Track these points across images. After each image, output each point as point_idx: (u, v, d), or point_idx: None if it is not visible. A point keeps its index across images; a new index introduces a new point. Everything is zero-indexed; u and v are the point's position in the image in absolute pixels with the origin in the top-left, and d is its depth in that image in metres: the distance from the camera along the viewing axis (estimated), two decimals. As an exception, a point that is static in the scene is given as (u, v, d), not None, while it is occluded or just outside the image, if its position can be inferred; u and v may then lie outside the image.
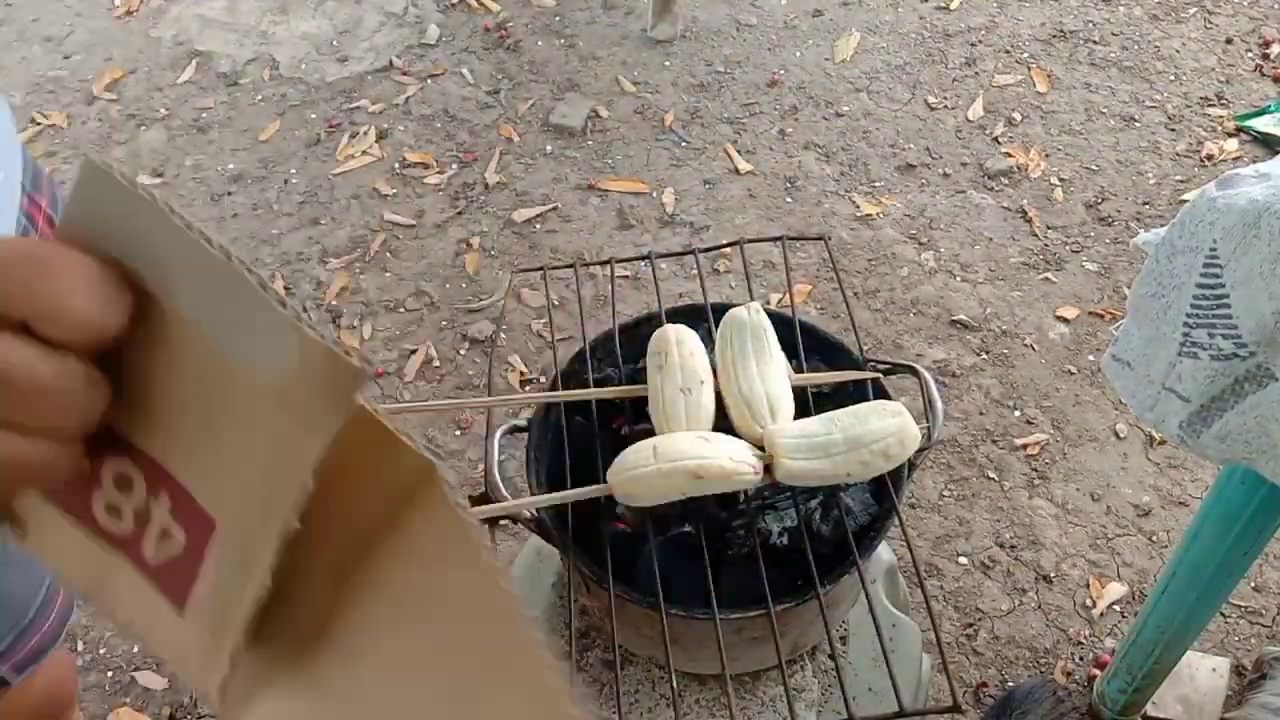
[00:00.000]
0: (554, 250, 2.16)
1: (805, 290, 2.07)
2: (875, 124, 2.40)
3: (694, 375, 0.94)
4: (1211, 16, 2.63)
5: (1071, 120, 2.39)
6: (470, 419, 1.89)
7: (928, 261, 2.13)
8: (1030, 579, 1.68)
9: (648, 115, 2.43)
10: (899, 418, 0.89)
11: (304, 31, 2.67)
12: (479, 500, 0.92)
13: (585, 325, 1.08)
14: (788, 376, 0.96)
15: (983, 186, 2.27)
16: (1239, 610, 1.63)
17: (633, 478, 0.86)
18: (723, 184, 2.28)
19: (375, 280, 2.13)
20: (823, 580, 0.87)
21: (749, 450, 0.88)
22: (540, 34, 2.64)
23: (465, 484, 1.81)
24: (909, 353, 1.97)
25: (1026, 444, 1.84)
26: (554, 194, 2.27)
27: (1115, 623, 1.63)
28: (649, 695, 1.05)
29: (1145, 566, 1.69)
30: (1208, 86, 2.45)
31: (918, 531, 1.72)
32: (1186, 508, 1.75)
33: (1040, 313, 2.03)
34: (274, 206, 2.28)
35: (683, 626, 0.90)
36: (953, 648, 1.60)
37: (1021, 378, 1.94)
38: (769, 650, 0.89)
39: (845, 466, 0.87)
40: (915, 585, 1.44)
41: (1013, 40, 2.59)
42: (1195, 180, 2.25)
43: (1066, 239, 2.16)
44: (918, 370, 0.99)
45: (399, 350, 2.01)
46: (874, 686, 1.07)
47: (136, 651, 1.64)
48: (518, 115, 2.44)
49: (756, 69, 2.53)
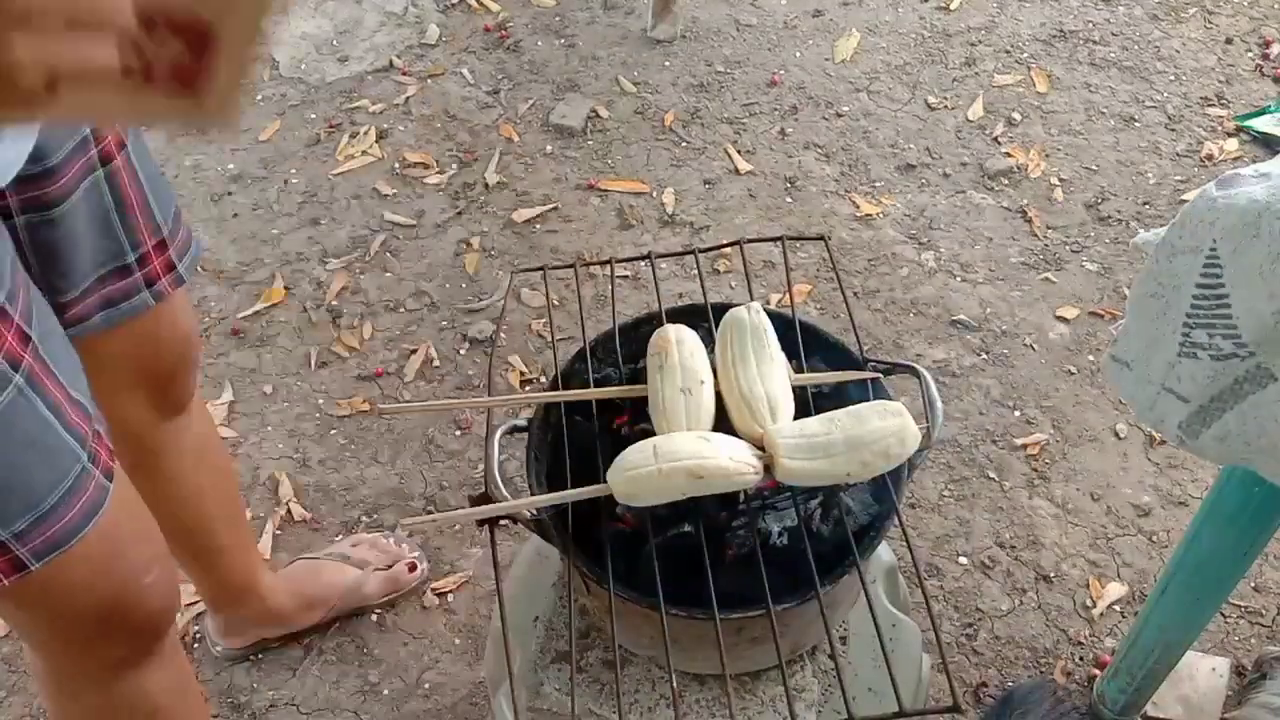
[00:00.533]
0: (554, 250, 2.16)
1: (805, 290, 2.07)
2: (875, 124, 2.40)
3: (694, 375, 0.94)
4: (1211, 16, 2.63)
5: (1071, 120, 2.39)
6: (470, 419, 1.89)
7: (928, 261, 2.13)
8: (1030, 579, 1.68)
9: (648, 115, 2.43)
10: (899, 418, 0.89)
11: (304, 31, 2.67)
12: (479, 500, 0.92)
13: (585, 325, 1.08)
14: (788, 376, 0.96)
15: (983, 186, 2.27)
16: (1239, 610, 1.63)
17: (633, 478, 0.86)
18: (723, 184, 2.28)
19: (375, 280, 2.13)
20: (823, 580, 0.87)
21: (749, 450, 0.89)
22: (540, 34, 2.64)
23: (465, 484, 1.81)
24: (909, 353, 1.97)
25: (1026, 444, 1.84)
26: (554, 194, 2.27)
27: (1115, 623, 1.63)
28: (649, 695, 1.05)
29: (1145, 566, 1.69)
30: (1208, 86, 2.45)
31: (918, 531, 1.73)
32: (1186, 508, 1.75)
33: (1040, 313, 2.04)
34: (274, 206, 2.28)
35: (683, 626, 0.90)
36: (953, 648, 1.60)
37: (1021, 378, 1.94)
38: (769, 650, 0.89)
39: (845, 466, 0.87)
40: (915, 585, 1.44)
41: (1013, 40, 2.59)
42: (1195, 180, 2.25)
43: (1066, 239, 2.16)
44: (918, 370, 0.99)
45: (399, 350, 2.01)
46: (874, 686, 1.07)
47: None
48: (518, 115, 2.44)
49: (756, 69, 2.54)
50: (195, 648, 1.64)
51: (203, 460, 1.33)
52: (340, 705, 1.58)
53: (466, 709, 1.57)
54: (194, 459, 1.30)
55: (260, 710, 1.57)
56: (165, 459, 1.26)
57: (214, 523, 1.40)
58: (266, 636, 1.60)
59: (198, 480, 1.33)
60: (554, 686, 1.07)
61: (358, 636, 1.64)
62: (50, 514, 0.83)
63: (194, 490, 1.33)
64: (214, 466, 1.37)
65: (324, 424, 1.91)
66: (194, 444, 1.29)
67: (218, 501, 1.39)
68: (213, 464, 1.36)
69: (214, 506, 1.39)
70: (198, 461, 1.31)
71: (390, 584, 1.65)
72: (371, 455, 1.86)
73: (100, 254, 1.00)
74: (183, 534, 1.37)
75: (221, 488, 1.40)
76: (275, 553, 1.74)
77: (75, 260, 0.98)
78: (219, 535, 1.42)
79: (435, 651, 1.62)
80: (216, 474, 1.38)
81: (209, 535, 1.41)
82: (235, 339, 2.04)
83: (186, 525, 1.36)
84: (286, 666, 1.61)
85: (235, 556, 1.47)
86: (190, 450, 1.29)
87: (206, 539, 1.41)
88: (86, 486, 0.85)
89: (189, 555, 1.44)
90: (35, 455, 0.82)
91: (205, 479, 1.34)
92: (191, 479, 1.32)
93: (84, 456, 0.85)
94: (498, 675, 1.21)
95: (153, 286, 1.06)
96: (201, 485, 1.34)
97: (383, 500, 1.80)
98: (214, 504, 1.38)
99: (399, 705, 1.57)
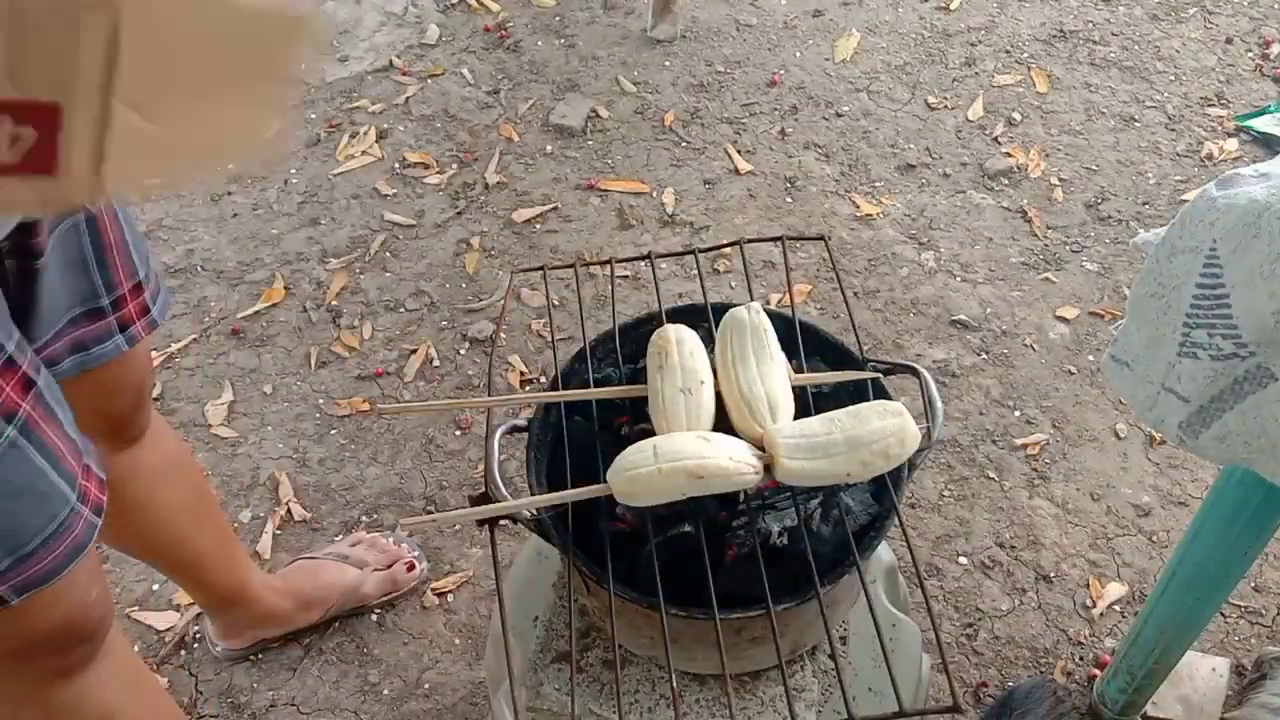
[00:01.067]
0: (554, 250, 2.16)
1: (805, 290, 2.07)
2: (875, 124, 2.40)
3: (694, 375, 0.94)
4: (1211, 16, 2.63)
5: (1071, 120, 2.39)
6: (470, 419, 1.89)
7: (928, 261, 2.13)
8: (1030, 579, 1.68)
9: (648, 115, 2.43)
10: (899, 418, 0.89)
11: (304, 31, 2.67)
12: (479, 500, 0.92)
13: (585, 325, 1.08)
14: (788, 376, 0.96)
15: (983, 186, 2.27)
16: (1239, 610, 1.63)
17: (633, 478, 0.86)
18: (723, 184, 2.28)
19: (375, 280, 2.13)
20: (823, 580, 0.87)
21: (749, 450, 0.88)
22: (540, 34, 2.64)
23: (465, 484, 1.81)
24: (909, 353, 1.97)
25: (1026, 444, 1.84)
26: (554, 194, 2.27)
27: (1115, 623, 1.63)
28: (649, 695, 1.05)
29: (1145, 566, 1.69)
30: (1208, 86, 2.45)
31: (918, 531, 1.73)
32: (1186, 508, 1.75)
33: (1040, 313, 2.04)
34: (274, 206, 2.28)
35: (683, 626, 0.90)
36: (953, 648, 1.60)
37: (1021, 378, 1.94)
38: (769, 650, 0.89)
39: (845, 466, 0.87)
40: (915, 585, 1.44)
41: (1013, 40, 2.59)
42: (1195, 180, 2.25)
43: (1066, 239, 2.16)
44: (918, 370, 0.99)
45: (399, 350, 2.01)
46: (874, 686, 1.07)
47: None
48: (518, 115, 2.44)
49: (756, 69, 2.54)
50: (195, 648, 1.64)
51: (167, 480, 1.30)
52: (340, 705, 1.58)
53: (466, 709, 1.57)
54: (158, 479, 1.28)
55: (260, 710, 1.57)
56: (126, 487, 1.22)
57: (190, 537, 1.38)
58: (266, 637, 1.60)
59: (166, 499, 1.30)
60: (554, 686, 1.07)
61: (357, 636, 1.64)
62: (32, 555, 0.83)
63: (163, 510, 1.30)
64: (182, 483, 1.34)
65: (324, 424, 1.91)
66: (156, 464, 1.26)
67: (190, 516, 1.36)
68: (180, 481, 1.33)
69: (187, 522, 1.36)
70: (162, 482, 1.29)
71: (389, 584, 1.65)
72: (371, 455, 1.86)
73: (73, 296, 0.99)
74: (159, 551, 1.37)
75: (193, 501, 1.37)
76: (275, 553, 1.74)
77: (49, 305, 0.96)
78: (197, 547, 1.40)
79: (435, 651, 1.62)
80: (186, 489, 1.35)
81: (187, 549, 1.39)
82: (235, 339, 2.04)
83: (161, 543, 1.35)
84: (286, 666, 1.61)
85: (219, 565, 1.45)
86: (151, 472, 1.26)
87: (185, 552, 1.39)
88: (74, 526, 0.85)
89: (171, 570, 1.44)
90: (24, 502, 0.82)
91: (174, 496, 1.32)
92: (160, 499, 1.29)
93: (74, 498, 0.85)
94: (498, 675, 1.21)
95: (126, 330, 1.04)
96: (170, 503, 1.31)
97: (382, 500, 1.80)
98: (186, 519, 1.36)
99: (399, 705, 1.57)
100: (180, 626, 1.65)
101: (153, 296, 1.07)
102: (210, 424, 1.90)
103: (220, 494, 1.81)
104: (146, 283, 1.06)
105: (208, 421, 1.91)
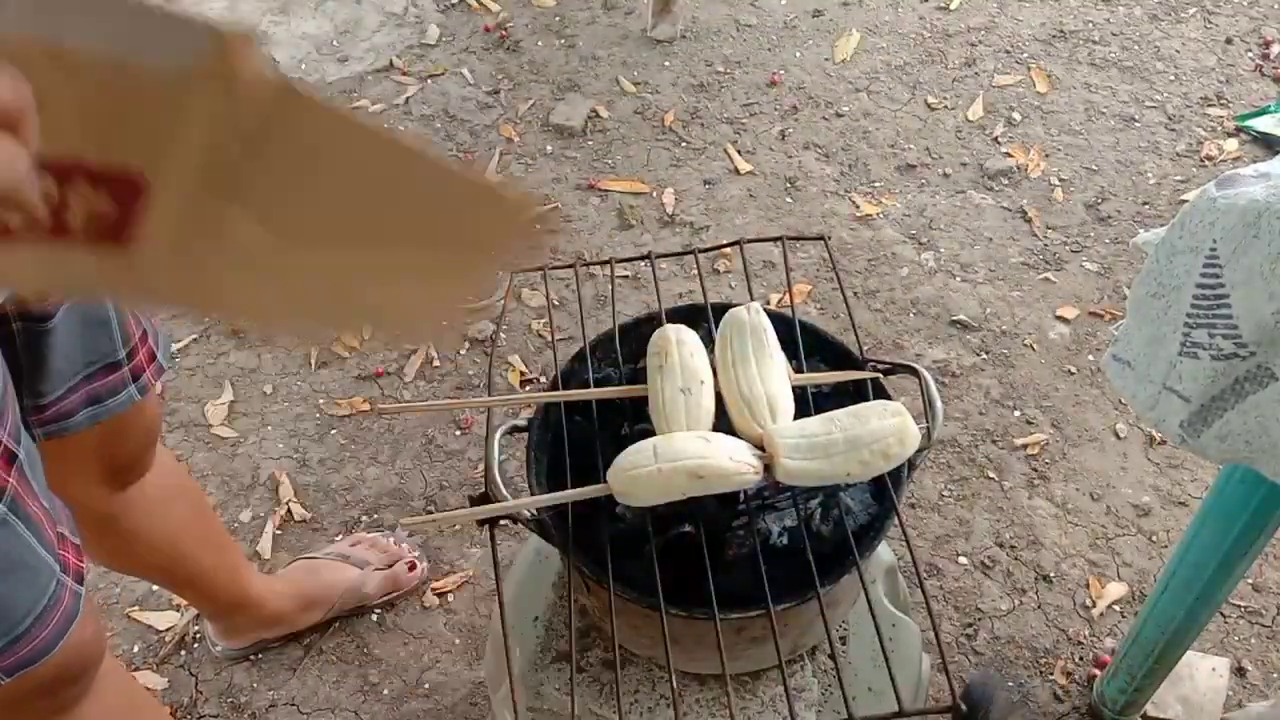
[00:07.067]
0: (554, 250, 2.16)
1: (805, 290, 2.07)
2: (875, 124, 2.40)
3: (694, 375, 0.94)
4: (1211, 16, 2.63)
5: (1071, 120, 2.39)
6: (470, 419, 1.89)
7: (928, 261, 2.13)
8: (1030, 579, 1.68)
9: (648, 115, 2.43)
10: (899, 418, 0.89)
11: (304, 31, 2.67)
12: (479, 500, 0.92)
13: (585, 325, 1.08)
14: (788, 376, 0.96)
15: (983, 186, 2.27)
16: (1239, 610, 1.63)
17: (633, 478, 0.86)
18: (723, 184, 2.28)
19: (375, 280, 2.13)
20: (823, 580, 0.87)
21: (749, 450, 0.88)
22: (540, 34, 2.64)
23: (465, 484, 1.81)
24: (909, 353, 1.97)
25: (1026, 444, 1.84)
26: (554, 194, 2.27)
27: (1115, 623, 1.63)
28: (649, 695, 1.05)
29: (1145, 566, 1.69)
30: (1208, 86, 2.45)
31: (918, 531, 1.72)
32: (1186, 508, 1.75)
33: (1040, 313, 2.04)
34: (274, 206, 2.28)
35: (683, 626, 0.90)
36: (952, 648, 1.60)
37: (1021, 378, 1.94)
38: (769, 650, 0.89)
39: (845, 466, 0.87)
40: (915, 585, 1.44)
41: (1013, 40, 2.59)
42: (1195, 180, 2.25)
43: (1066, 239, 2.16)
44: (918, 370, 0.99)
45: (399, 350, 2.01)
46: (874, 686, 1.07)
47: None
48: (518, 115, 2.44)
49: (756, 69, 2.53)
50: (195, 648, 1.64)
51: (167, 507, 1.29)
52: (340, 705, 1.57)
53: (466, 709, 1.57)
54: (157, 508, 1.27)
55: (260, 710, 1.57)
56: (124, 520, 1.22)
57: (191, 555, 1.37)
58: (266, 637, 1.60)
59: (165, 527, 1.29)
60: (554, 686, 1.07)
61: (358, 636, 1.64)
62: (25, 635, 0.82)
63: (162, 536, 1.30)
64: (182, 505, 1.33)
65: (324, 424, 1.91)
66: (155, 495, 1.25)
67: (191, 537, 1.35)
68: (180, 504, 1.32)
69: (188, 543, 1.35)
70: (161, 509, 1.28)
71: (390, 584, 1.65)
72: (371, 455, 1.86)
73: (90, 353, 0.98)
74: (161, 572, 1.37)
75: (193, 522, 1.36)
76: (275, 553, 1.74)
77: (61, 365, 0.95)
78: (199, 564, 1.39)
79: (435, 651, 1.62)
80: (186, 511, 1.34)
81: (188, 566, 1.38)
82: (235, 339, 2.04)
83: (163, 565, 1.35)
84: (286, 666, 1.61)
85: (221, 576, 1.45)
86: (150, 503, 1.25)
87: (187, 570, 1.39)
88: (63, 599, 0.84)
89: (173, 586, 1.44)
90: (16, 579, 0.81)
91: (174, 521, 1.31)
92: (159, 527, 1.28)
93: (57, 569, 0.84)
94: (497, 675, 1.21)
95: (138, 380, 1.04)
96: (170, 528, 1.31)
97: (383, 500, 1.80)
98: (188, 540, 1.35)
99: (399, 705, 1.57)
100: (180, 626, 1.65)
101: (155, 340, 1.06)
102: (210, 424, 1.90)
103: (220, 494, 1.81)
104: (151, 331, 1.05)
105: (208, 421, 1.91)
